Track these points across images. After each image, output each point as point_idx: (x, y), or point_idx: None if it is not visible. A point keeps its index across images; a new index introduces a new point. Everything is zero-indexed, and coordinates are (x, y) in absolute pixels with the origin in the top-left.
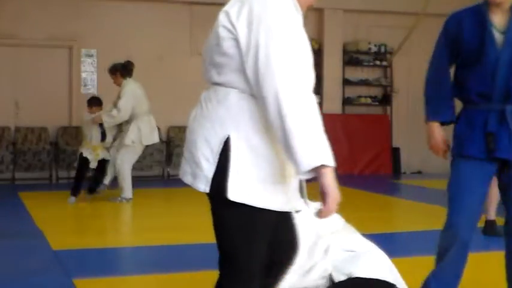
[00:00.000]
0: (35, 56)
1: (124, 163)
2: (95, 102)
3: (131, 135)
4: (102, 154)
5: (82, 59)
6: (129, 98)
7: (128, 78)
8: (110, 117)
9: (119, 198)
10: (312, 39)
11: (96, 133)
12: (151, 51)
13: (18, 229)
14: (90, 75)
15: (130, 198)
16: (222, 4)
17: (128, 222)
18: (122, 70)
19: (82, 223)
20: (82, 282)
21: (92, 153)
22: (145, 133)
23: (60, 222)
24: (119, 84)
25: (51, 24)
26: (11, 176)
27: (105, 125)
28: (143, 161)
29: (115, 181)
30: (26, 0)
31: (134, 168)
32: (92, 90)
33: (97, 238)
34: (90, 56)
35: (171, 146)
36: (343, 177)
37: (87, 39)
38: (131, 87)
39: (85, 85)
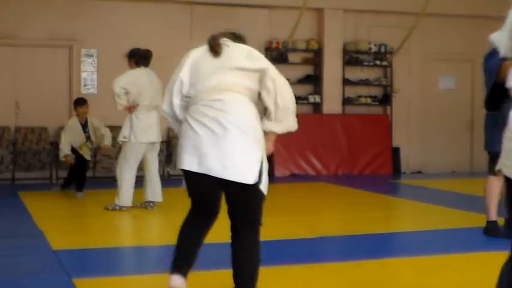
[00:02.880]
0: (35, 56)
1: (122, 164)
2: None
3: (123, 130)
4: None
5: (82, 59)
6: (123, 76)
7: (141, 67)
8: (116, 99)
9: (112, 205)
10: (312, 39)
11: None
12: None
13: (18, 229)
14: (90, 75)
15: (124, 207)
16: (222, 4)
17: (127, 222)
18: (138, 57)
19: (82, 223)
20: (82, 282)
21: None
22: (138, 129)
23: (60, 222)
24: None
25: (51, 24)
26: (11, 176)
27: (118, 108)
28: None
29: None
30: (26, 0)
31: None
32: (92, 90)
33: (97, 238)
34: (90, 56)
35: (171, 145)
36: (343, 177)
37: (87, 39)
38: (136, 72)
39: (85, 85)
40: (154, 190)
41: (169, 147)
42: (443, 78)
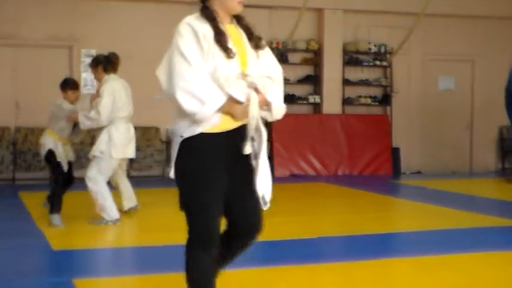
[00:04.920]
0: (35, 56)
1: (98, 179)
2: (70, 84)
3: (100, 145)
4: (70, 154)
5: (82, 59)
6: (109, 99)
7: (111, 74)
8: (87, 119)
9: (103, 221)
10: (312, 40)
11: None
12: (151, 51)
13: (18, 229)
14: (90, 75)
15: (117, 219)
16: None
17: (127, 223)
18: (105, 63)
19: (82, 223)
20: (82, 282)
21: (61, 149)
22: (117, 144)
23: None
24: (100, 80)
25: (51, 24)
26: (11, 176)
27: (81, 127)
28: (143, 161)
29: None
30: (26, 0)
31: (134, 168)
32: (92, 90)
33: (97, 238)
34: (90, 56)
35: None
36: (343, 177)
37: (87, 39)
38: (112, 85)
39: (85, 85)
40: (130, 197)
41: (169, 147)
42: (442, 79)
